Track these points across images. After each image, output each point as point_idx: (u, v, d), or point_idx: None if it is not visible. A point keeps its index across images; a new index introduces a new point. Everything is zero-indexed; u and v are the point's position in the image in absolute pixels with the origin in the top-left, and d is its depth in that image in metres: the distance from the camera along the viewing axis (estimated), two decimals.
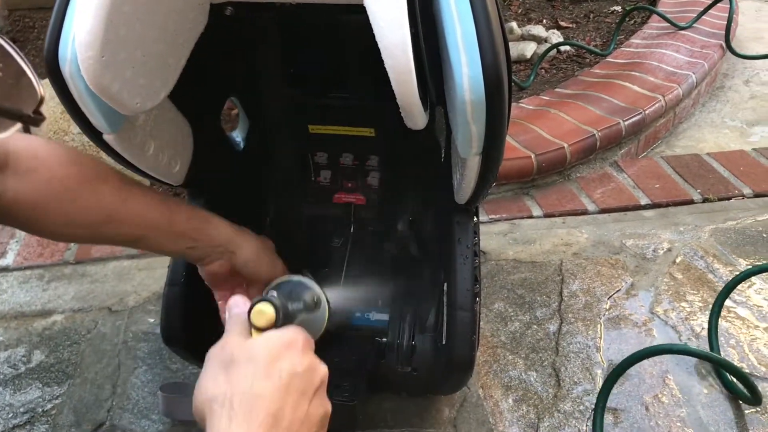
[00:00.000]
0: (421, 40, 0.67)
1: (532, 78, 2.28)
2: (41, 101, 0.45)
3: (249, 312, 0.63)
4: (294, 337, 0.61)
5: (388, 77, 0.68)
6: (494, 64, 0.69)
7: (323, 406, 0.60)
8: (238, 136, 1.17)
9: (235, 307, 0.66)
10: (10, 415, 1.13)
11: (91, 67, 0.71)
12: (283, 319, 0.65)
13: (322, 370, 0.61)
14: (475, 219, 1.04)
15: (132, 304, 1.36)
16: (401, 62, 0.65)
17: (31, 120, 0.44)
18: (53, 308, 1.36)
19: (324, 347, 1.05)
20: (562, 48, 2.48)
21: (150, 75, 0.79)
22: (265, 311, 0.63)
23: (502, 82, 0.70)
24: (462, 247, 1.01)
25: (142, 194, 0.84)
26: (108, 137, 0.84)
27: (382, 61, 0.67)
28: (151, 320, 1.32)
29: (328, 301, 0.77)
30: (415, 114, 0.71)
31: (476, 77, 0.69)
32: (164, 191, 0.92)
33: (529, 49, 2.51)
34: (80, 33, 0.70)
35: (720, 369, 1.15)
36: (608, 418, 1.09)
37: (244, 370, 0.57)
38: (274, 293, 0.67)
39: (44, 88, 0.44)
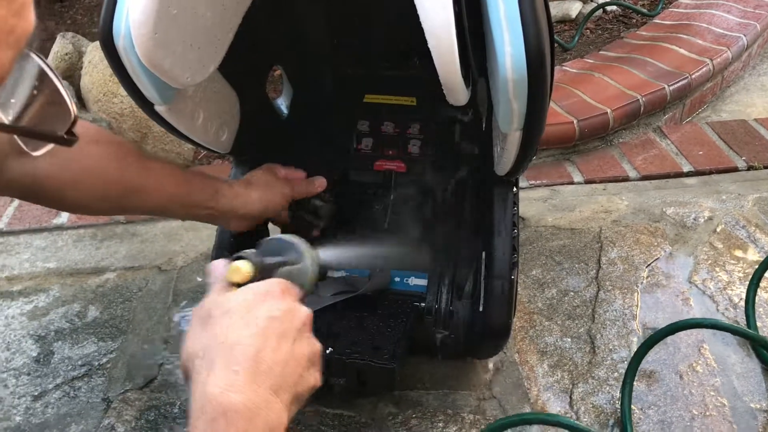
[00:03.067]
0: (464, 19, 0.68)
1: (576, 39, 2.24)
2: (74, 122, 0.46)
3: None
4: (270, 286, 0.62)
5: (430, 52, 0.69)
6: (537, 44, 0.70)
7: (309, 345, 0.61)
8: (282, 103, 1.19)
9: (215, 269, 0.66)
10: (69, 368, 1.19)
11: (145, 44, 0.74)
12: (261, 274, 0.65)
13: (303, 312, 0.62)
14: (515, 189, 1.06)
15: (180, 263, 1.42)
16: (445, 44, 0.66)
17: (65, 141, 0.46)
18: (106, 266, 1.42)
19: (364, 311, 1.10)
20: (609, 8, 2.43)
21: (200, 50, 0.81)
22: (241, 267, 0.64)
23: (545, 62, 0.71)
24: (501, 217, 1.03)
25: (161, 168, 0.91)
26: (160, 108, 0.88)
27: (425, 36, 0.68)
28: (199, 279, 1.37)
29: (314, 256, 0.75)
30: (457, 91, 0.73)
31: (519, 56, 0.70)
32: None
33: (574, 8, 2.46)
34: (134, 11, 0.72)
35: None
36: (642, 385, 1.11)
37: (220, 323, 0.58)
38: (252, 251, 0.67)
39: (77, 108, 0.46)
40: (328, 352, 1.00)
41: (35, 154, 0.47)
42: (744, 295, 1.25)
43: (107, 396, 1.15)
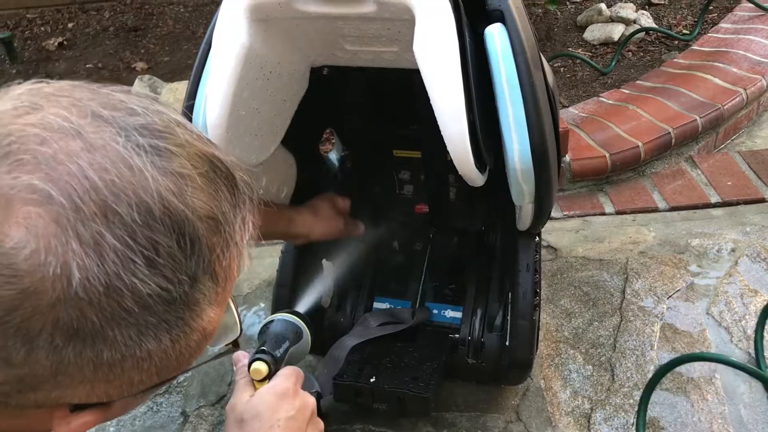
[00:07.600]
0: (477, 127, 0.82)
1: (613, 64, 2.34)
2: (240, 334, 0.65)
3: (249, 367, 0.82)
4: (285, 386, 0.78)
5: None
6: (540, 143, 0.84)
7: (316, 427, 0.79)
8: (334, 157, 1.35)
9: (238, 362, 0.85)
10: None
11: (219, 141, 0.91)
12: (274, 365, 0.84)
13: (310, 402, 0.80)
14: (537, 239, 1.19)
15: (246, 290, 1.60)
16: (460, 148, 0.81)
17: (231, 351, 0.67)
18: None
19: (404, 342, 1.25)
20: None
21: (263, 137, 0.98)
22: (260, 369, 0.81)
23: (548, 156, 0.85)
24: (523, 264, 1.17)
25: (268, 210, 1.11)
26: None
27: None
28: (263, 305, 1.55)
29: (309, 325, 0.95)
30: (473, 179, 0.87)
31: (525, 152, 0.85)
32: None
33: (617, 31, 2.55)
34: (211, 115, 0.89)
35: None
36: (655, 411, 1.24)
37: (252, 426, 0.75)
38: (264, 349, 0.87)
39: (242, 324, 0.65)
40: (372, 381, 1.16)
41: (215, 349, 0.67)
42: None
43: (185, 410, 1.33)
